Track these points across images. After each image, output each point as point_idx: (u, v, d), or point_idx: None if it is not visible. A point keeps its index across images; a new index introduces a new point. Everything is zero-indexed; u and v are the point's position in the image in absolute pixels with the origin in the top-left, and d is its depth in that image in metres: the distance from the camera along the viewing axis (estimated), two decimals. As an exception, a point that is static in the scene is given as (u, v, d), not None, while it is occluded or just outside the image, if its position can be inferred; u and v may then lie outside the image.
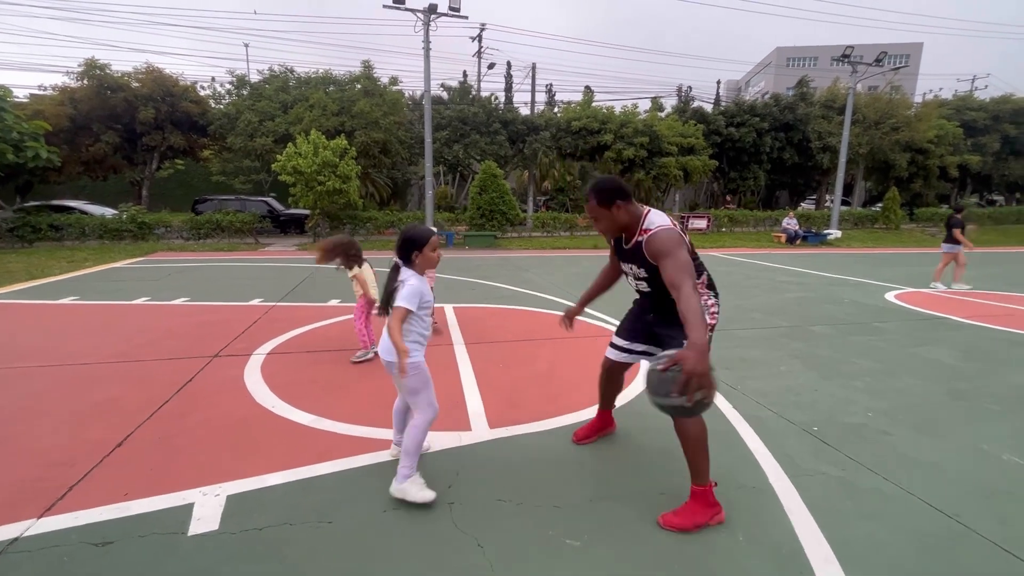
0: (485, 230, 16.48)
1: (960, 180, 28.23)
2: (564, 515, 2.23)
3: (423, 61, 16.84)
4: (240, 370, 4.03)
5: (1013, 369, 4.35)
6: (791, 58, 58.43)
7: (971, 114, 26.63)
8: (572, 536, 2.09)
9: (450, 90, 24.71)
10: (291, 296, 7.18)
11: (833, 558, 1.97)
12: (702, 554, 1.99)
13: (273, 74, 20.99)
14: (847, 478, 2.57)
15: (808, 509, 2.29)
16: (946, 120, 25.18)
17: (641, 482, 2.51)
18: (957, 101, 28.43)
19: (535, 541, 2.06)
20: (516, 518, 2.21)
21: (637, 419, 3.25)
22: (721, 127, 24.60)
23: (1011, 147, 27.03)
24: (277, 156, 15.13)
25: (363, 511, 2.24)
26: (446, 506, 2.27)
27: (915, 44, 53.06)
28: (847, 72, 21.66)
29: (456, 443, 2.86)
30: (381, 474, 2.53)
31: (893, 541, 2.10)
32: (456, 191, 30.80)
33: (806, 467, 2.66)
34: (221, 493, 2.34)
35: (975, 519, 2.22)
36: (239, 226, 15.90)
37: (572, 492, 2.41)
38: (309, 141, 14.83)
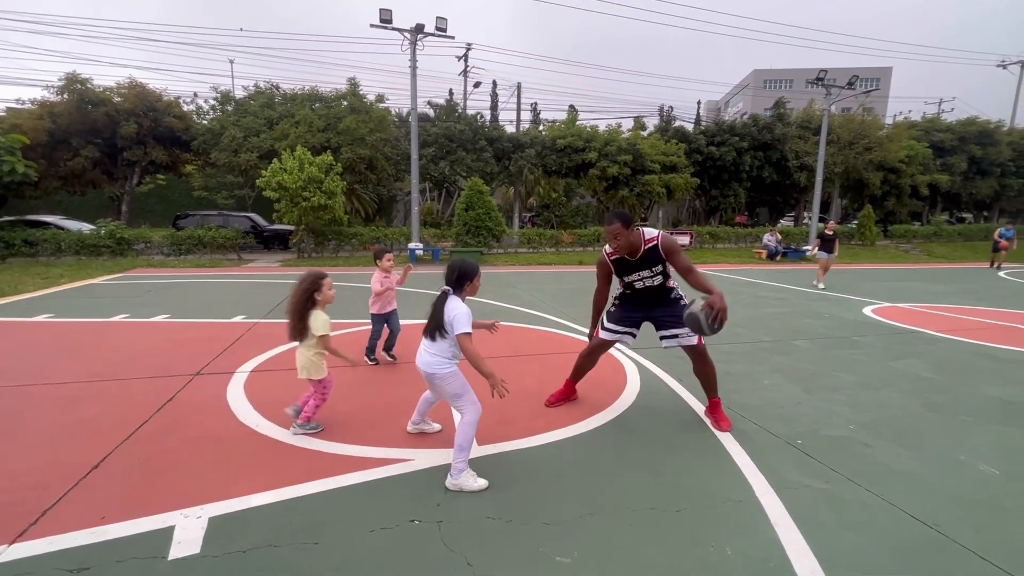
0: (471, 246, 16.52)
1: (931, 198, 29.20)
2: (554, 532, 2.22)
3: (410, 79, 17.01)
4: (223, 388, 3.95)
5: (985, 381, 4.48)
6: (768, 80, 60.35)
7: (939, 135, 27.70)
8: (562, 553, 2.08)
9: (437, 107, 24.95)
10: (275, 313, 7.08)
11: (820, 570, 2.00)
12: (693, 569, 2.00)
13: (258, 90, 20.97)
14: (831, 490, 2.62)
15: (794, 521, 2.31)
16: (916, 141, 26.15)
17: (631, 497, 2.52)
18: (926, 123, 29.58)
19: (525, 559, 2.05)
20: (506, 536, 2.20)
21: (626, 435, 3.27)
22: (702, 146, 25.17)
23: (977, 167, 28.13)
24: (262, 172, 15.05)
25: (350, 531, 2.20)
26: (435, 525, 2.25)
27: (885, 68, 55.22)
28: (821, 94, 22.43)
29: (444, 460, 2.84)
30: (369, 493, 2.50)
31: (876, 551, 2.13)
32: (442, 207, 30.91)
33: (791, 480, 2.70)
34: (203, 515, 2.28)
35: (953, 528, 2.27)
36: (221, 242, 15.69)
37: (562, 509, 2.41)
38: (295, 157, 14.80)
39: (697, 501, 2.49)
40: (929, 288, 10.98)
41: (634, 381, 4.30)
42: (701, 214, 29.24)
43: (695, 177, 24.36)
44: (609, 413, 3.60)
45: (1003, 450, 3.11)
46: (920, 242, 24.31)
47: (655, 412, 3.64)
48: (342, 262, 15.07)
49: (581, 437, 3.21)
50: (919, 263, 18.52)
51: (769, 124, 26.32)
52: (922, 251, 22.16)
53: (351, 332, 5.98)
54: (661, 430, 3.33)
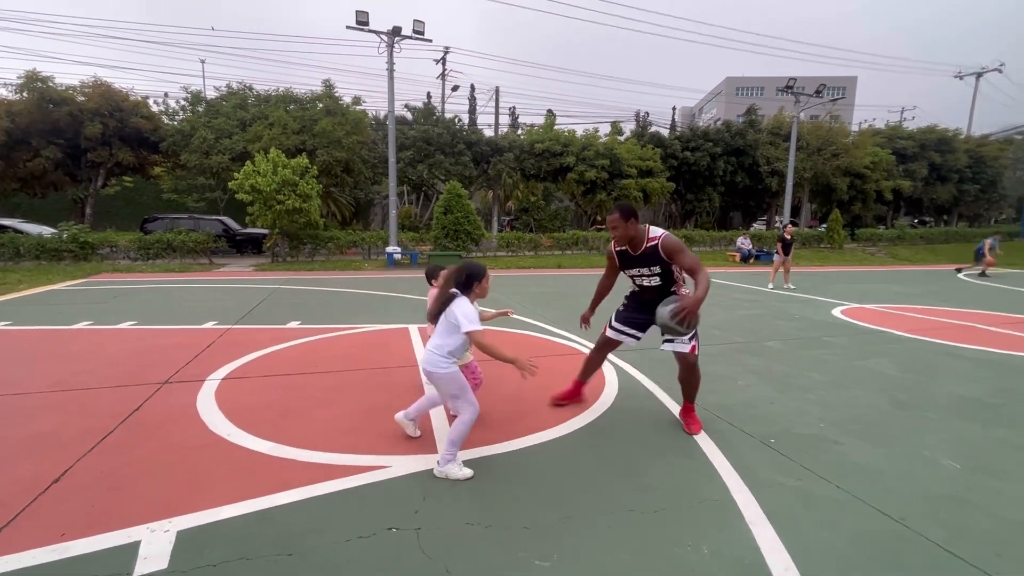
0: (450, 250, 16.45)
1: (894, 203, 30.36)
2: (534, 536, 2.22)
3: (387, 82, 16.90)
4: (192, 397, 3.84)
5: (947, 379, 4.66)
6: (740, 87, 61.91)
7: (901, 142, 28.84)
8: (542, 557, 2.08)
9: (414, 111, 24.84)
10: (248, 318, 6.92)
11: (793, 567, 2.04)
12: (670, 569, 2.02)
13: (231, 91, 20.54)
14: (803, 487, 2.67)
15: (768, 519, 2.36)
16: (880, 148, 27.17)
17: (609, 500, 2.53)
18: (889, 130, 30.76)
19: (505, 564, 2.03)
20: (485, 541, 2.18)
21: (605, 438, 3.28)
22: (677, 151, 25.65)
23: (937, 173, 29.38)
24: (234, 174, 14.73)
25: (326, 541, 2.15)
26: (413, 532, 2.22)
27: (851, 77, 57.20)
28: (791, 102, 23.13)
29: (423, 466, 2.81)
30: (345, 501, 2.46)
31: (846, 547, 2.19)
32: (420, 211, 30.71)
33: (765, 478, 2.75)
34: (171, 529, 2.21)
35: (919, 522, 2.35)
36: (192, 246, 15.28)
37: (541, 512, 2.40)
38: (268, 159, 14.53)
39: (675, 502, 2.51)
40: (894, 289, 11.39)
41: (612, 384, 4.33)
42: (677, 218, 29.75)
43: (671, 182, 24.81)
44: (588, 416, 3.61)
45: (964, 445, 3.23)
46: (885, 245, 25.20)
47: (633, 415, 3.67)
48: (318, 266, 14.83)
49: (560, 440, 3.22)
50: (884, 265, 19.19)
51: (742, 130, 26.98)
52: (887, 254, 22.98)
53: (327, 337, 5.88)
54: (639, 432, 3.36)
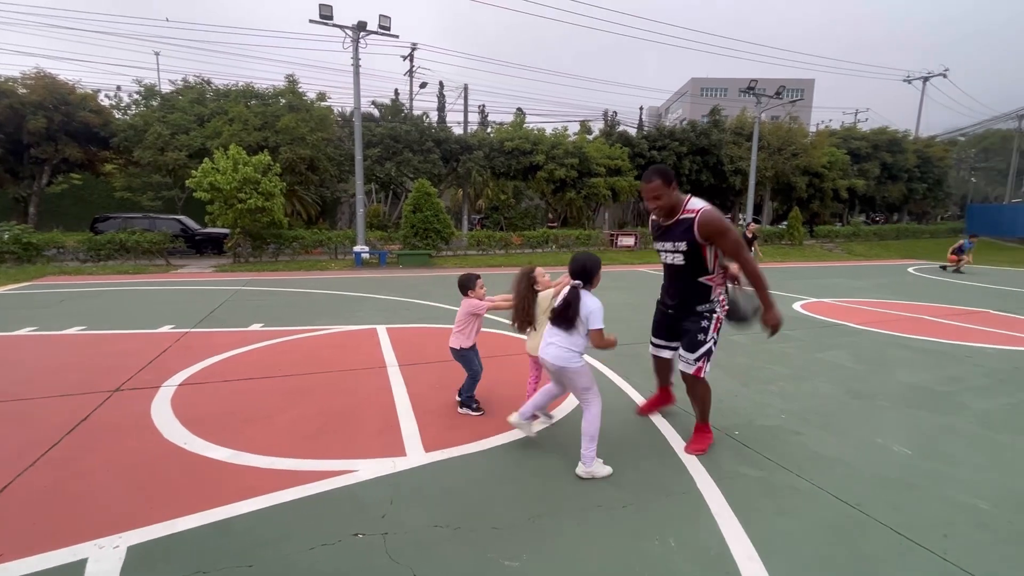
0: (419, 249, 16.26)
1: (850, 201, 31.68)
2: (502, 536, 2.20)
3: (353, 78, 16.55)
4: (146, 404, 3.66)
5: (897, 368, 4.88)
6: (704, 88, 63.39)
7: (855, 143, 30.14)
8: (511, 557, 2.06)
9: (382, 107, 24.46)
10: (207, 321, 6.66)
11: (756, 555, 2.08)
12: (638, 563, 2.04)
13: (187, 85, 19.76)
14: (766, 478, 2.75)
15: (732, 510, 2.41)
16: (836, 148, 28.31)
17: (578, 497, 2.54)
18: (844, 131, 32.10)
19: (473, 566, 2.01)
20: (453, 543, 2.15)
21: (574, 435, 3.29)
22: (644, 150, 26.07)
23: (889, 172, 30.82)
24: (192, 172, 14.16)
25: (288, 550, 2.08)
26: (380, 537, 2.17)
27: (808, 80, 59.36)
28: (753, 103, 23.83)
29: (390, 470, 2.75)
30: (308, 508, 2.38)
31: (806, 534, 2.25)
32: (389, 209, 30.29)
33: (729, 470, 2.82)
34: (121, 544, 2.09)
35: (874, 507, 2.44)
36: (147, 246, 14.61)
37: (510, 512, 2.39)
38: (228, 156, 14.02)
39: (642, 496, 2.54)
40: (850, 284, 11.88)
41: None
42: (645, 216, 30.25)
43: (638, 180, 25.20)
44: (556, 413, 3.62)
45: (913, 431, 3.39)
46: (841, 241, 26.28)
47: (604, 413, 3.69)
48: (282, 266, 14.42)
49: (528, 440, 3.21)
50: (841, 261, 19.99)
51: (706, 130, 27.63)
52: (843, 250, 23.96)
53: (291, 339, 5.72)
54: (607, 428, 3.37)
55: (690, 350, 2.92)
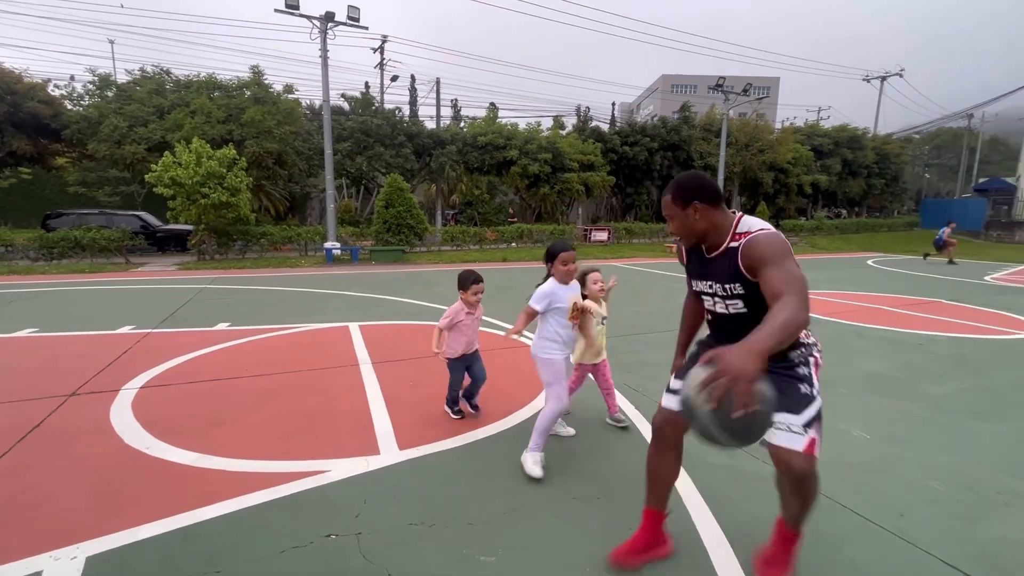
0: (392, 245, 16.06)
1: (813, 196, 32.72)
2: (478, 532, 2.20)
3: (321, 70, 16.16)
4: (105, 408, 3.51)
5: (856, 356, 5.08)
6: (675, 85, 64.34)
7: (818, 139, 31.10)
8: (487, 552, 2.06)
9: (352, 100, 23.97)
10: (170, 321, 6.43)
11: (725, 541, 2.14)
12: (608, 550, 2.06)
13: (145, 75, 18.94)
14: (733, 466, 2.82)
15: (702, 497, 2.47)
16: (800, 144, 29.18)
17: (552, 490, 2.55)
18: (808, 128, 33.10)
19: (449, 562, 2.00)
20: (429, 541, 2.14)
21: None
22: (617, 146, 26.32)
23: (849, 168, 31.95)
24: (152, 166, 13.60)
25: (258, 553, 2.03)
26: (353, 537, 2.14)
27: (774, 78, 60.90)
28: (722, 100, 24.33)
29: (363, 469, 2.71)
30: (279, 510, 2.33)
31: (772, 519, 2.32)
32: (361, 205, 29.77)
33: (699, 459, 2.88)
34: (79, 555, 2.00)
35: (836, 490, 2.54)
36: (105, 244, 13.97)
37: (486, 508, 2.39)
38: (190, 150, 13.52)
39: (615, 487, 2.58)
40: (813, 276, 12.28)
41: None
42: (618, 211, 30.60)
43: (611, 175, 25.44)
44: (528, 411, 3.64)
45: (871, 417, 3.54)
46: (805, 235, 27.13)
47: (574, 405, 3.73)
48: (250, 264, 14.02)
49: (502, 435, 3.21)
50: (805, 254, 20.65)
51: (676, 126, 28.08)
52: (807, 243, 24.76)
53: (260, 339, 5.57)
54: (579, 423, 3.41)
55: (794, 410, 1.73)
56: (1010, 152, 43.73)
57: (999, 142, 52.05)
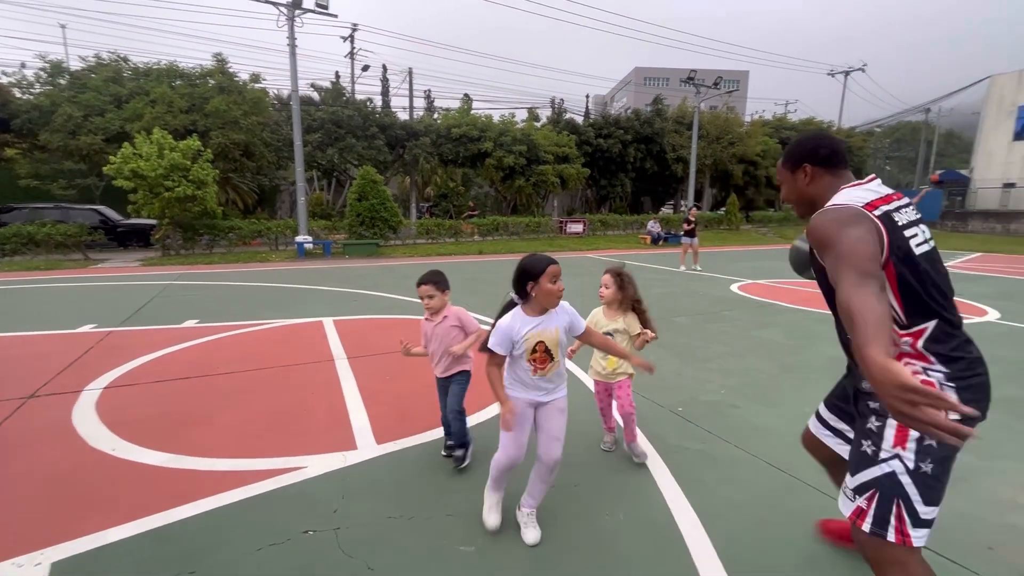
0: (366, 238, 15.81)
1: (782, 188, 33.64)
2: (457, 523, 2.21)
3: (289, 59, 15.71)
4: (67, 411, 3.38)
5: (824, 343, 5.27)
6: (648, 77, 64.85)
7: (786, 132, 31.90)
8: (466, 543, 2.08)
9: (321, 91, 23.41)
10: (135, 319, 6.21)
11: (699, 523, 2.21)
12: (590, 539, 2.11)
13: (101, 62, 18.07)
14: (707, 450, 2.90)
15: (676, 482, 2.54)
16: (768, 137, 29.89)
17: (531, 478, 2.58)
18: (775, 121, 33.92)
19: (428, 554, 2.01)
20: (407, 533, 2.14)
21: (526, 418, 3.34)
22: (591, 138, 26.45)
23: (815, 161, 32.90)
24: (110, 157, 13.02)
25: (233, 552, 2.00)
26: (332, 533, 2.12)
27: (743, 71, 62.05)
28: (693, 93, 24.68)
29: (340, 464, 2.69)
30: (254, 508, 2.29)
31: (744, 500, 2.41)
32: (333, 197, 29.19)
33: (673, 444, 2.96)
34: (43, 561, 1.93)
35: (802, 471, 2.64)
36: (61, 239, 13.36)
37: (465, 499, 2.40)
38: (152, 141, 12.99)
39: (592, 474, 2.62)
40: (782, 266, 12.64)
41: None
42: (593, 203, 30.82)
43: (586, 168, 25.58)
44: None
45: (837, 400, 3.68)
46: (775, 226, 27.87)
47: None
48: (218, 259, 13.62)
49: (479, 427, 3.23)
50: (774, 244, 21.22)
51: (649, 119, 28.36)
52: (776, 234, 25.45)
53: (231, 335, 5.43)
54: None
55: (851, 470, 1.53)
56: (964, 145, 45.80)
57: (954, 136, 54.40)
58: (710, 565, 1.96)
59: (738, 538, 2.13)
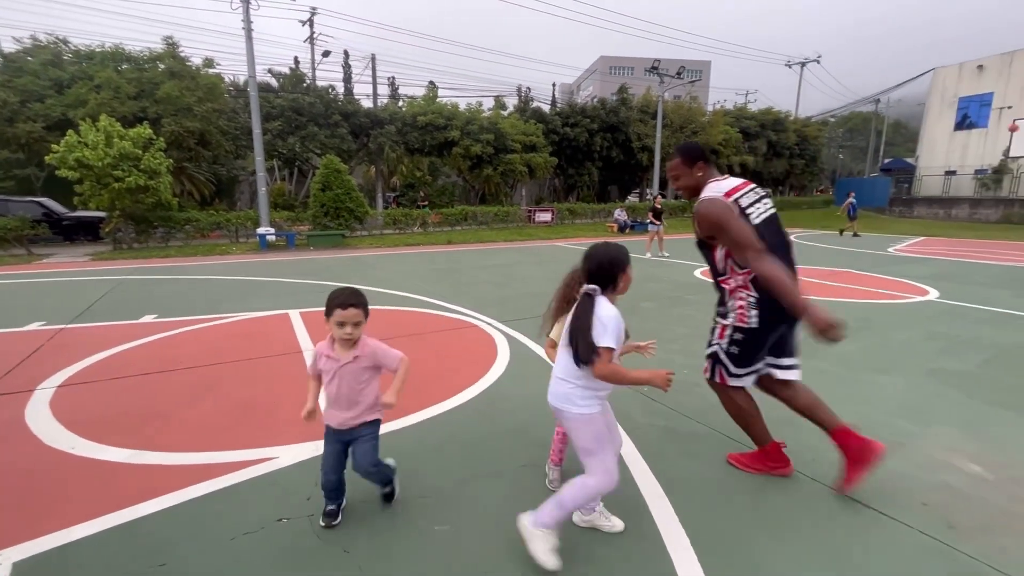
0: (331, 229, 15.49)
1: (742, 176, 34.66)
2: (432, 503, 2.26)
3: (245, 43, 15.10)
4: (19, 410, 3.24)
5: (780, 323, 5.54)
6: (613, 66, 65.30)
7: (746, 122, 32.78)
8: (440, 522, 2.13)
9: (280, 77, 22.62)
10: (88, 315, 5.94)
11: (663, 494, 2.33)
12: (560, 513, 2.19)
13: (38, 44, 16.93)
14: (670, 426, 3.04)
15: (642, 456, 2.66)
16: (729, 127, 30.65)
17: (504, 460, 2.65)
18: (736, 111, 34.79)
19: (404, 535, 2.06)
20: (383, 516, 2.17)
21: (500, 403, 3.41)
22: (558, 127, 26.54)
23: (774, 149, 34.00)
24: (52, 146, 12.28)
25: (207, 543, 1.99)
26: (306, 520, 2.14)
27: (705, 61, 63.23)
28: (658, 82, 25.03)
29: (313, 453, 2.69)
30: (225, 500, 2.28)
31: (705, 471, 2.55)
32: (295, 188, 28.39)
33: (639, 421, 3.08)
34: (4, 562, 1.88)
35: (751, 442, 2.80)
36: (1, 234, 12.58)
37: (438, 480, 2.45)
38: (98, 128, 12.32)
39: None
40: (741, 251, 13.10)
41: (504, 352, 4.49)
42: (560, 192, 31.01)
43: (553, 156, 25.68)
44: (479, 386, 3.71)
45: (791, 376, 3.89)
46: (735, 213, 28.74)
47: (525, 380, 3.85)
48: (174, 252, 13.09)
49: (454, 411, 3.27)
50: (734, 231, 21.92)
51: (615, 108, 28.65)
52: (736, 221, 26.25)
53: (192, 330, 5.28)
54: (530, 396, 3.52)
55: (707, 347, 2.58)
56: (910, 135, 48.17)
57: (902, 125, 57.14)
58: (672, 527, 2.08)
59: (697, 502, 2.26)
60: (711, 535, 2.06)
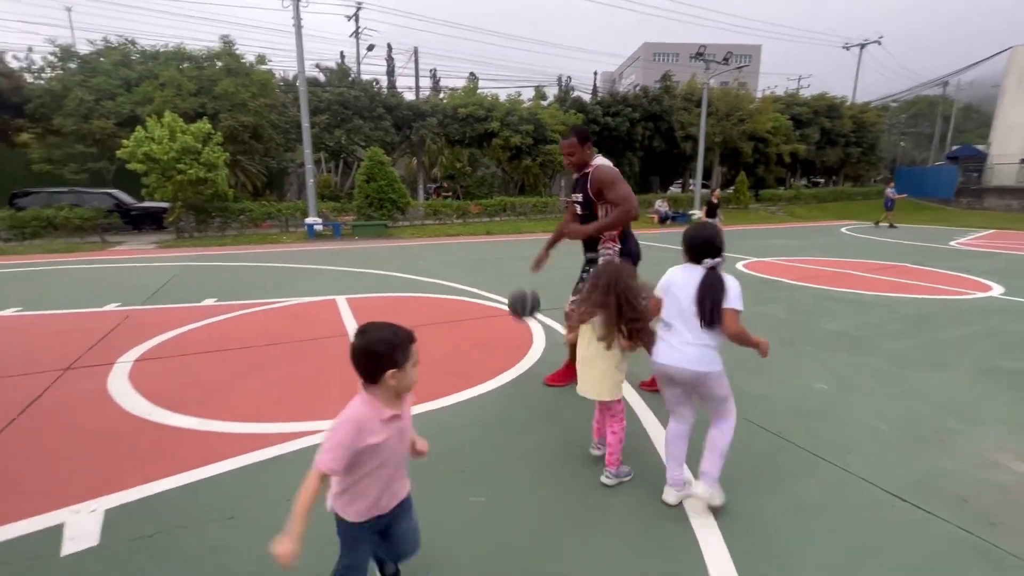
0: (375, 220, 15.97)
1: (792, 165, 33.12)
2: (469, 477, 2.41)
3: (295, 39, 15.67)
4: (102, 381, 3.61)
5: (824, 318, 5.38)
6: (657, 53, 63.53)
7: (798, 108, 31.27)
8: (476, 494, 2.27)
9: (327, 71, 23.34)
10: (156, 298, 6.45)
11: (692, 479, 2.38)
12: (581, 493, 2.29)
13: (109, 45, 18.14)
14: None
15: (673, 443, 2.70)
16: (779, 114, 29.35)
17: (537, 442, 2.77)
18: (787, 97, 33.20)
19: (441, 504, 2.21)
20: (422, 484, 2.30)
21: (532, 389, 3.52)
22: (599, 116, 26.17)
23: (827, 137, 32.29)
24: (123, 141, 13.21)
25: (266, 503, 2.21)
26: (353, 486, 2.32)
27: (755, 46, 60.58)
28: (703, 68, 24.24)
29: (359, 427, 2.89)
30: (282, 466, 2.50)
31: (738, 461, 2.56)
32: (341, 179, 29.29)
33: (672, 410, 3.12)
34: (98, 508, 2.16)
35: (791, 434, 2.80)
36: (79, 223, 13.67)
37: (474, 458, 2.59)
38: (163, 124, 13.15)
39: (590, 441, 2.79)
40: (789, 244, 12.65)
41: (540, 339, 4.59)
42: (600, 182, 30.59)
43: (594, 146, 25.36)
44: (517, 370, 3.83)
45: (832, 371, 3.82)
46: (784, 204, 27.62)
47: (559, 366, 3.93)
48: (230, 241, 13.87)
49: (491, 393, 3.41)
50: (783, 223, 21.10)
51: (658, 96, 27.95)
52: (785, 212, 25.23)
53: (248, 313, 5.65)
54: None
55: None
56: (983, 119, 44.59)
57: (973, 109, 52.97)
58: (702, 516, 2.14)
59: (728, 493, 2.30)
60: (741, 522, 2.11)
